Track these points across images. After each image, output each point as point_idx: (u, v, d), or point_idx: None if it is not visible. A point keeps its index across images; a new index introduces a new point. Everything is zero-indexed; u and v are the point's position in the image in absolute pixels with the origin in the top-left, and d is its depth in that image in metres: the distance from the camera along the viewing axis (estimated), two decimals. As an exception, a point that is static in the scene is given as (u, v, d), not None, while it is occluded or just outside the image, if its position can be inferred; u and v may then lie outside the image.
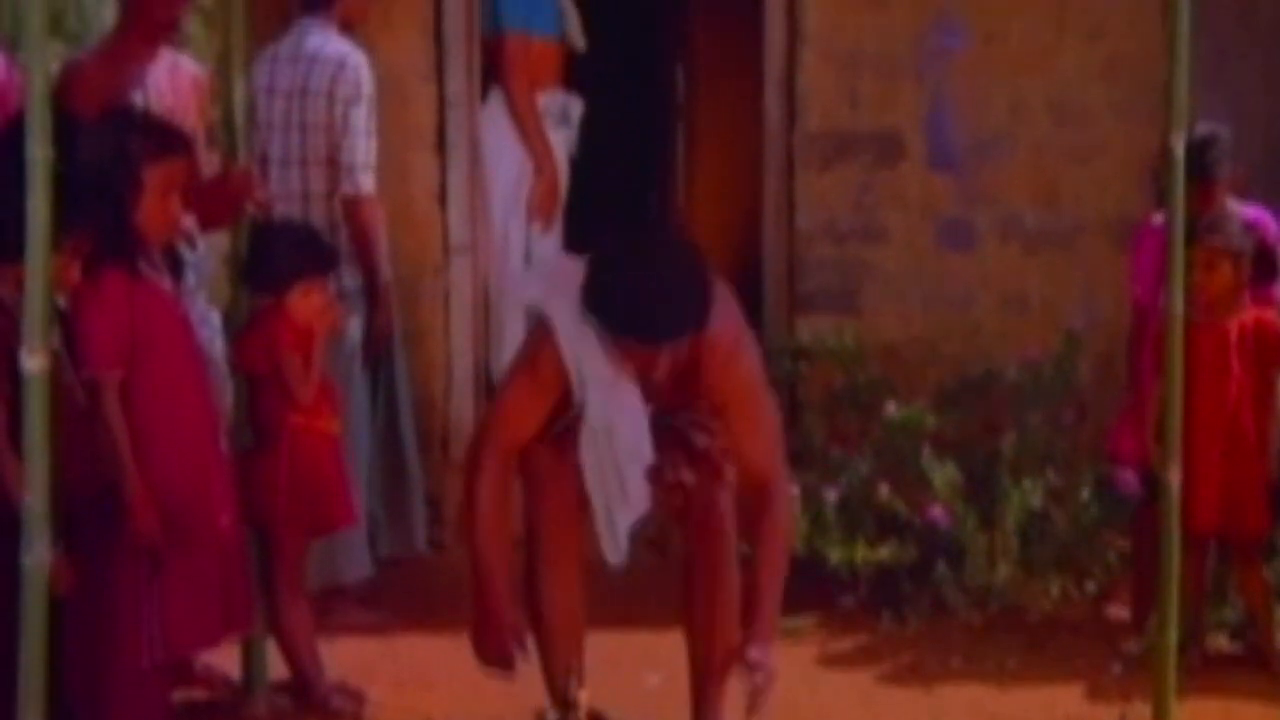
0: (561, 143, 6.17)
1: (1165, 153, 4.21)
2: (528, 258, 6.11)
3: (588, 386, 3.93)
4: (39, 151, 3.19)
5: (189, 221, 4.76)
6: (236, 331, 4.63)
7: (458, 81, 6.01)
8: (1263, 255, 4.90)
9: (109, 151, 3.96)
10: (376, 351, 5.43)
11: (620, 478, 4.04)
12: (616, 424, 3.97)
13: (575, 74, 6.26)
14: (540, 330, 3.98)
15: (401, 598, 5.54)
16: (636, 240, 4.07)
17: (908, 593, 5.36)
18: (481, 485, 3.98)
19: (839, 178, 5.95)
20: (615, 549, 4.10)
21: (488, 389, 6.14)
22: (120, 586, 3.99)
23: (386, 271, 5.37)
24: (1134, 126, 5.85)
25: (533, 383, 3.97)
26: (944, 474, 5.40)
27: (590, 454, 4.01)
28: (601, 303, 3.72)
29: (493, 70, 6.04)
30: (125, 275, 3.99)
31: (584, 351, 3.89)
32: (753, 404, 3.97)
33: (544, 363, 3.94)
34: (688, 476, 4.12)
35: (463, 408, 6.11)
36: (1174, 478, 4.27)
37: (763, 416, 4.00)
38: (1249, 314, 4.86)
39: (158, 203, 4.06)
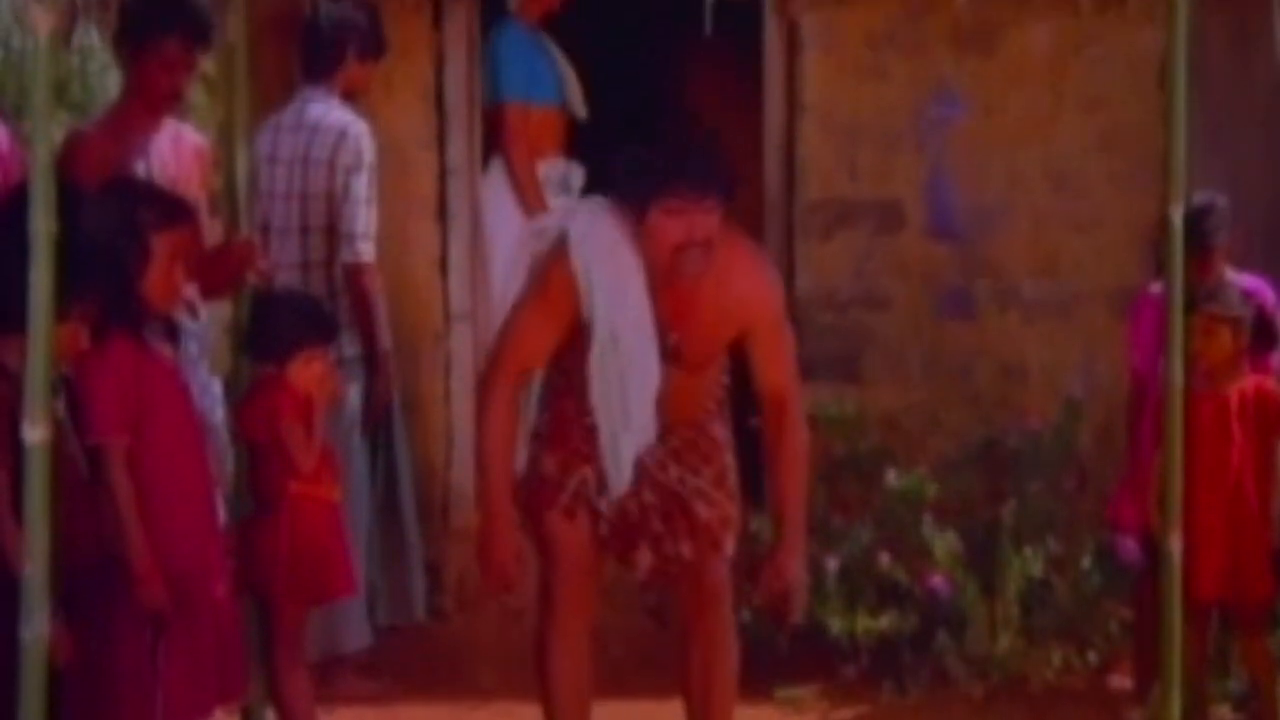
0: (559, 211, 6.19)
1: (1164, 222, 4.23)
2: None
3: (597, 297, 3.98)
4: (43, 224, 3.20)
5: (191, 290, 4.78)
6: (237, 400, 4.64)
7: (459, 150, 6.04)
8: (1262, 323, 4.91)
9: (117, 220, 3.98)
10: (376, 419, 5.44)
11: (625, 400, 4.06)
12: (622, 333, 4.00)
13: (577, 142, 6.29)
14: (553, 251, 4.05)
15: (401, 667, 5.53)
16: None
17: (909, 662, 5.35)
18: (492, 407, 4.07)
19: (839, 246, 5.96)
20: (618, 478, 4.11)
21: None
22: (122, 656, 3.96)
23: (386, 339, 5.39)
24: (1132, 196, 5.87)
25: (543, 303, 4.05)
26: (945, 543, 5.39)
27: (598, 375, 4.05)
28: (648, 162, 3.91)
29: (493, 138, 6.07)
30: (131, 343, 4.00)
31: (595, 258, 3.98)
32: (778, 325, 4.16)
33: (554, 282, 4.02)
34: (687, 550, 4.15)
35: (463, 476, 6.10)
36: (1175, 546, 4.27)
37: (785, 339, 4.20)
38: (1249, 382, 4.87)
39: (164, 271, 4.08)
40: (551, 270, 4.03)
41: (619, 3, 6.18)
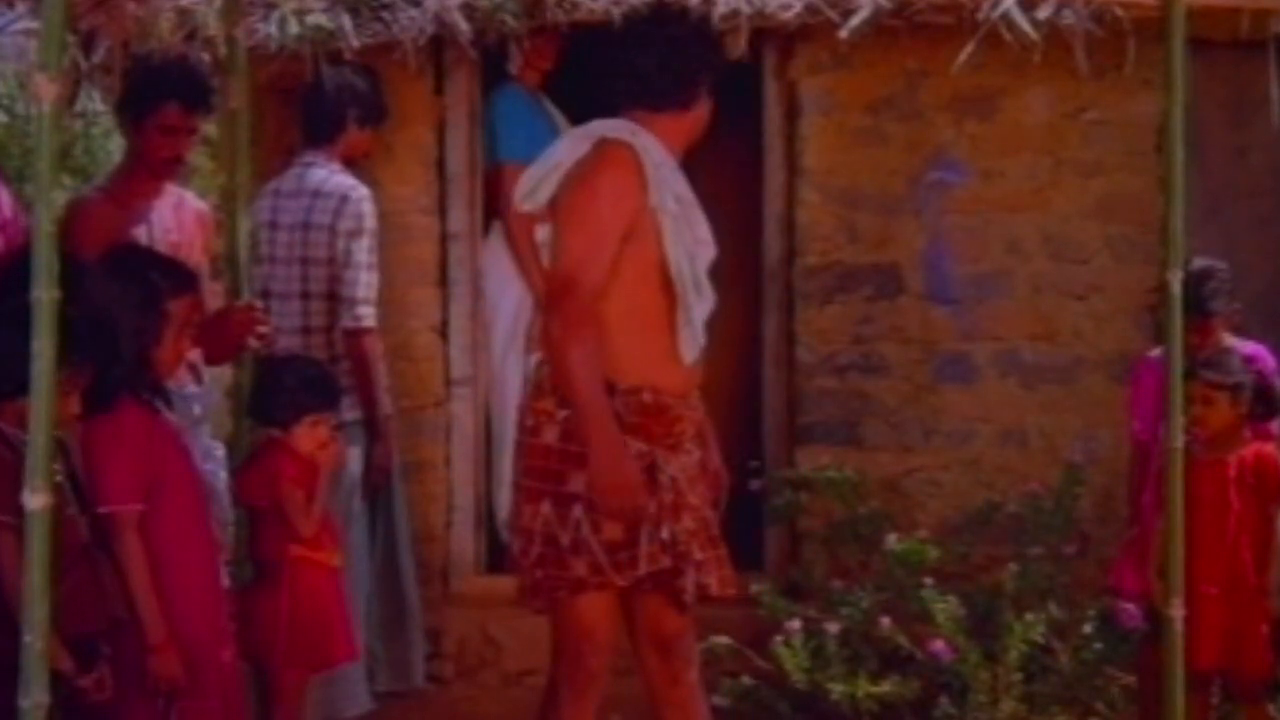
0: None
1: (1162, 288, 4.24)
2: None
3: (650, 174, 4.06)
4: (45, 291, 3.20)
5: (195, 354, 4.80)
6: (238, 464, 4.64)
7: (460, 215, 6.05)
8: (1262, 391, 4.91)
9: (133, 288, 4.00)
10: (377, 484, 5.43)
11: (695, 271, 4.14)
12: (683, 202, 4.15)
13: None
14: (614, 152, 4.08)
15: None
16: None
17: (911, 728, 5.34)
18: (580, 330, 4.00)
19: (838, 311, 5.97)
20: (693, 344, 4.14)
21: (489, 521, 6.14)
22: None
23: (387, 404, 5.39)
24: (1130, 263, 5.89)
25: (617, 206, 4.04)
26: (946, 607, 5.38)
27: (675, 248, 4.09)
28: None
29: (493, 202, 6.09)
30: (143, 410, 4.01)
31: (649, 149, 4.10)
32: None
33: (626, 180, 4.05)
34: (714, 582, 4.17)
35: (463, 540, 6.09)
36: (1177, 613, 4.26)
37: None
38: (1249, 449, 4.87)
39: (174, 338, 4.10)
40: (616, 166, 4.08)
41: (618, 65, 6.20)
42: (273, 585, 4.52)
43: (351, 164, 5.48)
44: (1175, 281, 4.22)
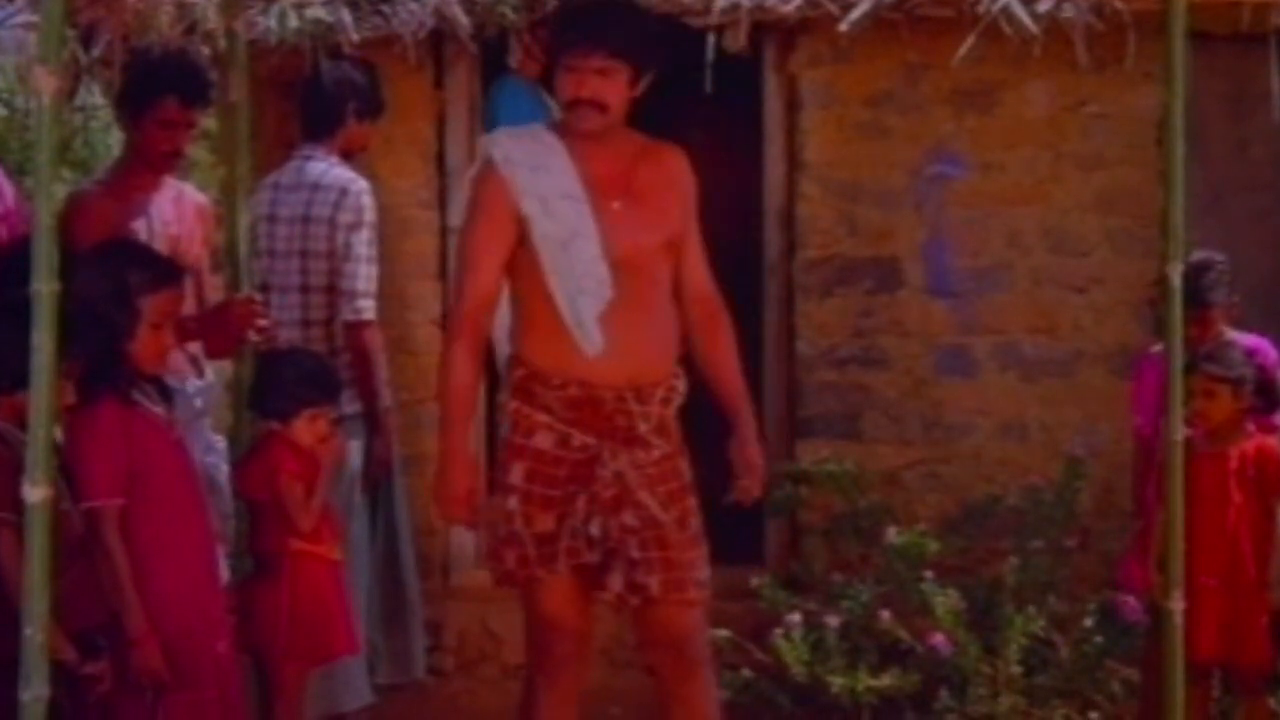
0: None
1: (1162, 281, 4.24)
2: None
3: (522, 181, 4.08)
4: (45, 285, 3.20)
5: (196, 348, 4.80)
6: (239, 458, 4.64)
7: (460, 209, 6.02)
8: (1263, 384, 4.91)
9: (104, 283, 3.99)
10: (377, 478, 5.43)
11: (571, 262, 4.08)
12: (552, 201, 4.10)
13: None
14: (481, 171, 4.16)
15: (400, 727, 5.53)
16: None
17: (911, 722, 5.34)
18: (455, 348, 4.12)
19: (838, 304, 5.97)
20: (589, 341, 4.08)
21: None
22: (123, 718, 3.96)
23: (387, 397, 5.39)
24: (1131, 256, 5.89)
25: (486, 221, 4.11)
26: (946, 601, 5.38)
27: (543, 250, 4.07)
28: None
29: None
30: (120, 405, 4.00)
31: (517, 156, 4.11)
32: (697, 233, 4.31)
33: (489, 197, 4.10)
34: (655, 585, 4.12)
35: (463, 535, 6.09)
36: (1177, 605, 4.26)
37: (702, 246, 4.34)
38: (1250, 442, 4.86)
39: (152, 333, 4.08)
40: (485, 189, 4.13)
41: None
42: (273, 579, 4.52)
43: (350, 157, 5.48)
44: (1175, 274, 4.21)
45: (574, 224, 4.09)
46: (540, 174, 4.10)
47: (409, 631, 5.61)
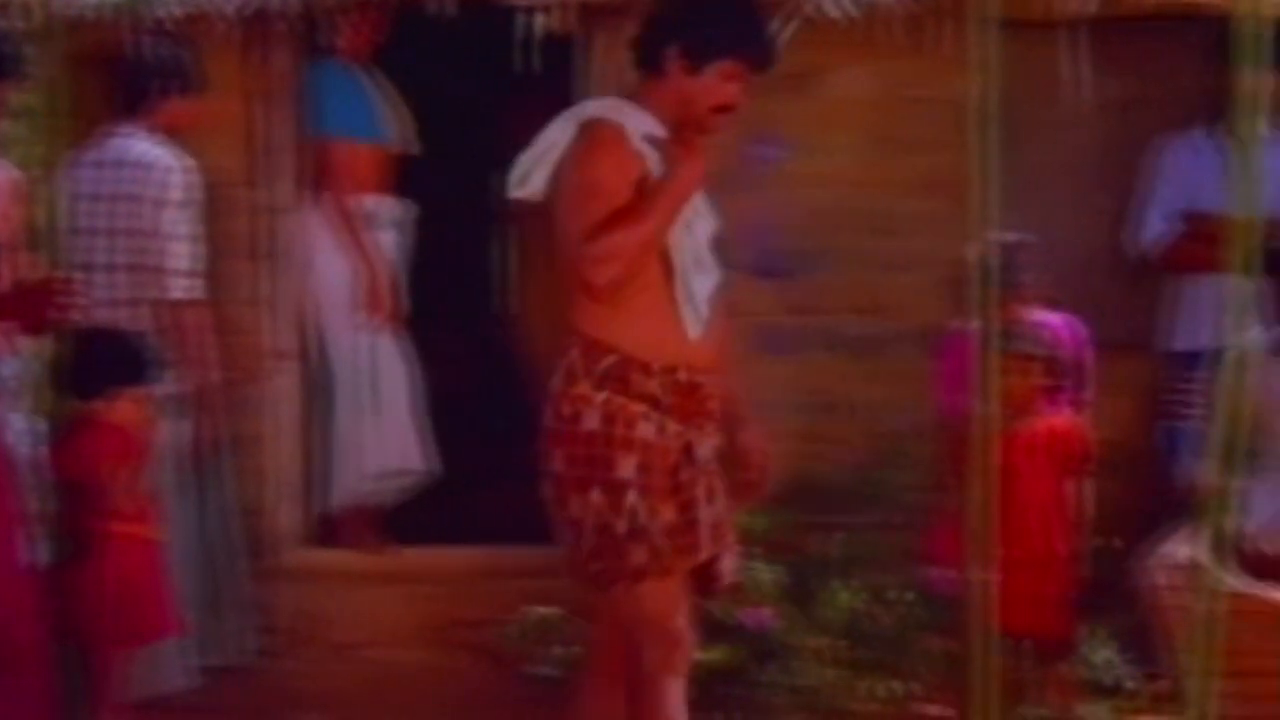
0: (388, 246, 6.20)
1: (973, 263, 4.34)
2: (365, 361, 6.13)
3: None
4: None
5: (9, 327, 4.73)
6: (56, 438, 4.59)
7: (277, 188, 6.02)
8: (1066, 362, 5.04)
9: None
10: (201, 457, 5.40)
11: (695, 245, 4.12)
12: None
13: (417, 178, 6.31)
14: (605, 134, 4.02)
15: (229, 708, 5.49)
16: None
17: (736, 696, 5.39)
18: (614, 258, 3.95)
19: (664, 285, 6.01)
20: (696, 320, 4.10)
21: (313, 494, 6.13)
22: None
23: (209, 377, 5.35)
24: (949, 238, 5.92)
25: (620, 180, 4.00)
26: (770, 576, 5.46)
27: (674, 234, 4.07)
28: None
29: (315, 176, 6.07)
30: None
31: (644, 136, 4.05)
32: None
33: (621, 161, 4.00)
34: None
35: (285, 514, 6.07)
36: (984, 578, 4.38)
37: None
38: (1046, 420, 5.00)
39: None
40: (611, 148, 4.03)
41: (448, 39, 6.20)
42: (93, 561, 4.49)
43: (168, 135, 5.42)
44: (984, 256, 4.32)
45: (696, 201, 4.12)
46: (650, 144, 4.07)
47: (235, 613, 5.58)
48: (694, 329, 4.10)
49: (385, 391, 6.15)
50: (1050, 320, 5.27)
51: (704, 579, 4.19)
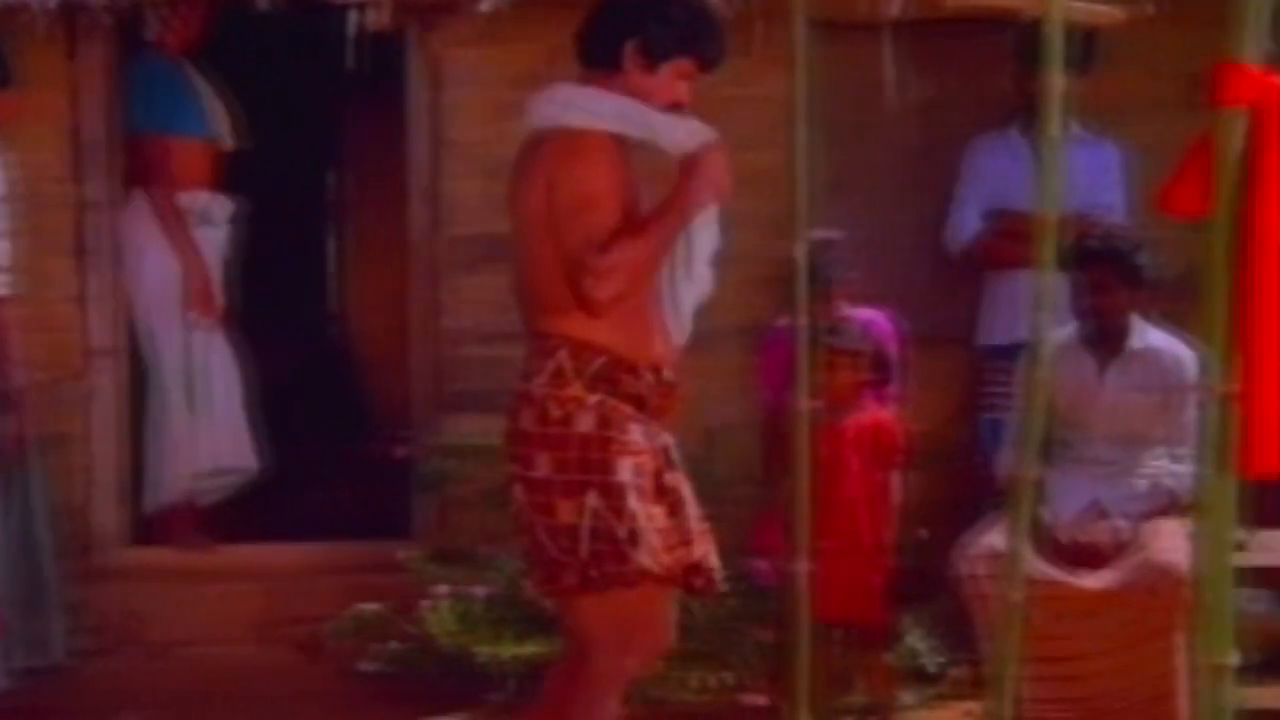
0: (211, 242, 6.15)
1: (789, 260, 4.41)
2: (196, 358, 6.07)
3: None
4: None
5: None
6: None
7: (97, 184, 5.94)
8: (878, 357, 5.14)
9: None
10: (13, 457, 5.31)
11: (689, 253, 4.09)
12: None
13: (245, 174, 6.26)
14: (594, 140, 4.01)
15: (40, 710, 5.41)
16: None
17: (558, 688, 5.42)
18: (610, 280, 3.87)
19: (485, 281, 6.02)
20: (679, 329, 4.08)
21: (131, 494, 6.06)
22: None
23: (21, 376, 5.26)
24: (767, 235, 6.04)
25: (618, 185, 4.01)
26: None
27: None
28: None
29: (134, 171, 5.99)
30: None
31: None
32: None
33: (618, 167, 4.01)
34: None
35: (105, 513, 5.99)
36: (801, 569, 4.45)
37: None
38: (867, 414, 5.09)
39: None
40: (603, 153, 4.03)
41: (282, 36, 6.16)
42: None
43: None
44: (799, 252, 4.38)
45: (707, 213, 4.10)
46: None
47: (46, 613, 5.49)
48: (677, 336, 4.11)
49: (216, 389, 6.12)
50: (871, 316, 5.37)
51: (690, 577, 4.13)
